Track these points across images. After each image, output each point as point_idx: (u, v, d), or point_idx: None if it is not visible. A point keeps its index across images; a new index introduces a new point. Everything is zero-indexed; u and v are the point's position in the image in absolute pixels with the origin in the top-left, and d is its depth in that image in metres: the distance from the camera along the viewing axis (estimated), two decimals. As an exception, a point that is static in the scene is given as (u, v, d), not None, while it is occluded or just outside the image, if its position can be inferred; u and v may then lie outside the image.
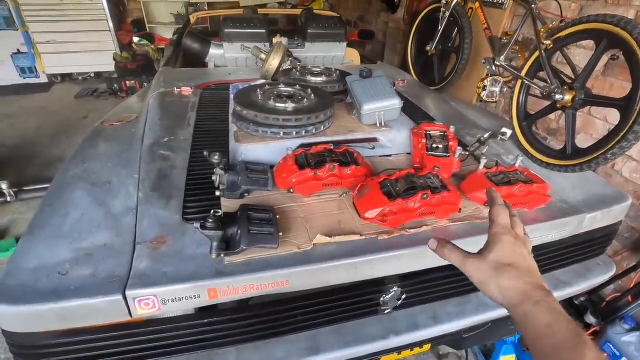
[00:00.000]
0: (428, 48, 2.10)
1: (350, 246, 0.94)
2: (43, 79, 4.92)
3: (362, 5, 4.28)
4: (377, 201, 0.99)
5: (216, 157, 1.07)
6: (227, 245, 0.88)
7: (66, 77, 5.10)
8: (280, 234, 0.91)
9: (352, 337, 1.03)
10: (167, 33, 3.69)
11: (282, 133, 1.27)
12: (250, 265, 0.87)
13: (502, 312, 1.16)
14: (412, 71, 2.32)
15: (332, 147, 1.18)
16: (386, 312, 1.07)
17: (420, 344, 1.10)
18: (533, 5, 1.42)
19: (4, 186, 2.33)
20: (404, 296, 1.06)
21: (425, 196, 0.98)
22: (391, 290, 1.03)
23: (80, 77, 5.15)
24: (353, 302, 1.03)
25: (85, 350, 0.86)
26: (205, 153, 1.09)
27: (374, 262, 0.93)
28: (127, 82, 4.48)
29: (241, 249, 0.86)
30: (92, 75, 5.17)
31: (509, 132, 1.47)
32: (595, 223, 1.19)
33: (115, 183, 1.14)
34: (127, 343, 0.88)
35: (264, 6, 5.09)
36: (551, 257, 1.25)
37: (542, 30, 1.34)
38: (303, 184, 1.08)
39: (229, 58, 2.21)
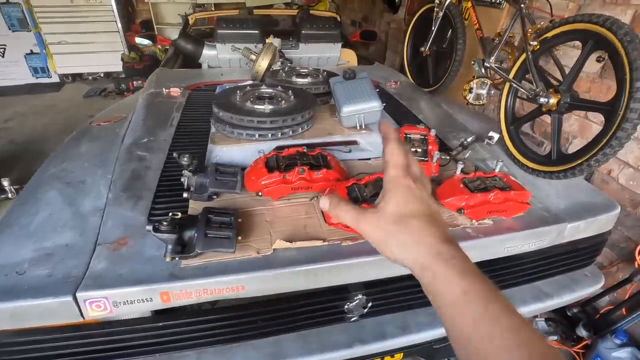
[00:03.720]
0: (422, 49, 2.05)
1: (312, 252, 0.92)
2: (54, 79, 5.06)
3: (366, 6, 4.25)
4: (342, 206, 0.97)
5: (185, 159, 1.06)
6: (184, 249, 0.87)
7: (77, 77, 5.23)
8: (239, 238, 0.90)
9: (316, 345, 1.01)
10: (174, 34, 3.73)
11: (257, 135, 1.25)
12: (207, 269, 0.86)
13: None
14: (408, 72, 2.28)
15: (305, 150, 1.16)
16: (352, 320, 1.05)
17: (388, 353, 1.07)
18: (522, 5, 1.37)
19: (6, 183, 2.39)
20: (370, 304, 1.03)
21: (391, 202, 0.95)
22: (355, 298, 1.01)
23: (90, 77, 5.28)
24: (317, 309, 1.01)
25: (40, 350, 0.86)
26: (175, 154, 1.09)
27: (334, 269, 0.91)
28: (134, 82, 4.56)
29: (196, 253, 0.85)
30: (102, 75, 5.29)
31: (495, 136, 1.42)
32: (578, 233, 1.14)
33: (88, 183, 1.15)
34: (84, 344, 0.88)
35: (270, 6, 5.11)
36: (533, 267, 1.20)
37: (530, 30, 1.29)
38: (271, 187, 1.07)
39: (222, 59, 2.22)
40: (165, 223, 0.83)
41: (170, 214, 0.88)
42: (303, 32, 2.25)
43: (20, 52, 4.76)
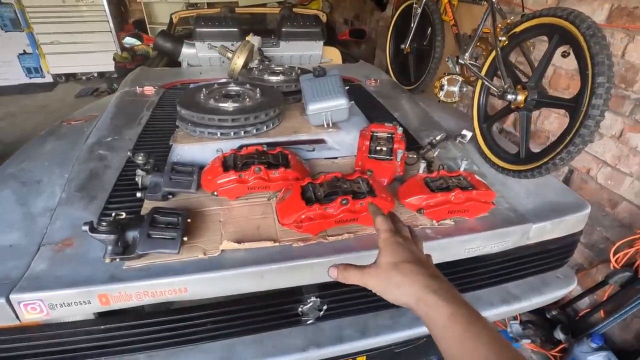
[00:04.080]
0: (402, 46, 2.02)
1: (262, 253, 0.90)
2: (48, 79, 5.06)
3: (357, 4, 4.21)
4: (295, 206, 0.94)
5: (140, 158, 1.05)
6: (126, 250, 0.85)
7: (70, 77, 5.23)
8: (185, 238, 0.87)
9: (271, 348, 0.98)
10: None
11: (219, 133, 1.23)
12: (149, 271, 0.83)
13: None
14: (390, 70, 2.24)
15: (264, 149, 1.13)
16: (309, 323, 1.02)
17: (346, 357, 1.04)
18: (494, 0, 1.33)
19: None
20: (325, 307, 1.00)
21: (344, 202, 0.93)
22: (309, 301, 0.98)
23: (84, 77, 5.28)
24: (270, 312, 0.98)
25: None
26: (129, 153, 1.07)
27: (282, 271, 0.88)
28: (126, 82, 4.55)
29: (136, 254, 0.83)
30: (95, 75, 5.29)
31: (468, 135, 1.39)
32: (545, 234, 1.10)
33: (44, 182, 1.13)
34: (24, 347, 0.86)
35: (263, 5, 5.09)
36: (501, 268, 1.17)
37: (500, 25, 1.26)
38: (227, 186, 1.04)
39: (202, 57, 2.20)
40: (104, 223, 0.81)
41: (113, 213, 0.86)
42: (283, 29, 2.22)
43: (13, 53, 4.77)
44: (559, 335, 1.51)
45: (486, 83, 1.30)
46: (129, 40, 3.13)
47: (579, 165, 1.62)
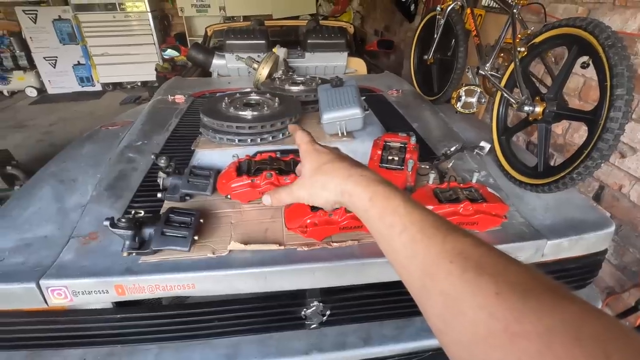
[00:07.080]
0: (425, 57, 2.02)
1: (267, 255, 0.93)
2: (98, 87, 5.51)
3: (387, 16, 4.24)
4: (300, 212, 0.97)
5: (162, 161, 1.12)
6: (142, 245, 0.92)
7: (117, 86, 5.65)
8: (196, 237, 0.93)
9: (274, 349, 1.01)
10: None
11: (237, 140, 1.29)
12: (161, 266, 0.89)
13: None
14: (414, 81, 2.24)
15: (277, 155, 1.18)
16: (312, 327, 1.04)
17: (348, 364, 1.05)
18: (514, 10, 1.31)
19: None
20: (328, 312, 1.02)
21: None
22: (311, 305, 1.00)
23: (129, 86, 5.68)
24: (274, 313, 1.01)
25: (11, 332, 0.94)
26: (152, 156, 1.15)
27: (284, 273, 0.91)
28: (166, 90, 4.84)
29: (151, 250, 0.89)
30: (139, 84, 5.68)
31: (487, 147, 1.36)
32: (562, 251, 1.05)
33: (79, 181, 1.24)
34: (50, 329, 0.95)
35: (296, 18, 5.25)
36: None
37: (520, 36, 1.23)
38: (239, 190, 1.09)
39: (231, 68, 2.31)
40: (123, 220, 0.88)
41: (133, 211, 0.94)
42: (309, 41, 2.29)
43: (69, 63, 5.25)
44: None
45: (505, 94, 1.28)
46: (168, 52, 3.35)
47: (611, 181, 1.52)
